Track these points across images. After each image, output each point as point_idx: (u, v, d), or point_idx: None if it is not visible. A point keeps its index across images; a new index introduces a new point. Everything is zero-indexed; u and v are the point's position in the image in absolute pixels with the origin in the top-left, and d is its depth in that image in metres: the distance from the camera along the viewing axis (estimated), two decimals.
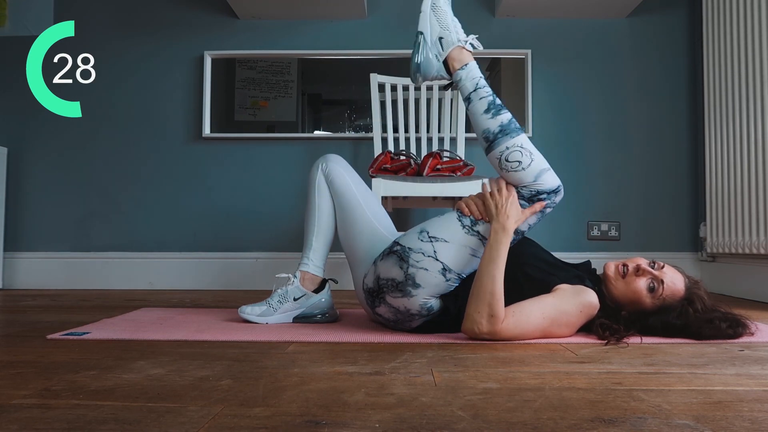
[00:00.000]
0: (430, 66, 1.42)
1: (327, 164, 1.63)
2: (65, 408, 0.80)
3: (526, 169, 1.34)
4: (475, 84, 1.40)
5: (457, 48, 1.41)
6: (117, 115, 2.91)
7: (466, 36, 1.43)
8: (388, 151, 2.37)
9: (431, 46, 1.42)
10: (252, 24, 2.91)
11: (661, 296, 1.33)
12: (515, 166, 1.34)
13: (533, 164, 1.35)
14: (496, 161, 1.37)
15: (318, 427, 0.72)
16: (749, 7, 2.26)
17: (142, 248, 2.87)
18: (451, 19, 1.44)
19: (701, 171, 2.77)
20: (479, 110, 1.39)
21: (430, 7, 1.43)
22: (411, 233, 1.42)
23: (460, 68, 1.41)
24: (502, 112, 1.38)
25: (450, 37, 1.41)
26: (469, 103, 1.41)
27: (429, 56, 1.41)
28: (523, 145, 1.36)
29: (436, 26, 1.42)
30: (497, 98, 1.41)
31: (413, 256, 1.36)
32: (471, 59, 1.42)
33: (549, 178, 1.36)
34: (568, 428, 0.72)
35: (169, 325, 1.57)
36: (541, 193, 1.35)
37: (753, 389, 0.91)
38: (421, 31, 1.42)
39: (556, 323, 1.30)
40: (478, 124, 1.39)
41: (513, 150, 1.34)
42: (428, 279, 1.35)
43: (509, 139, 1.35)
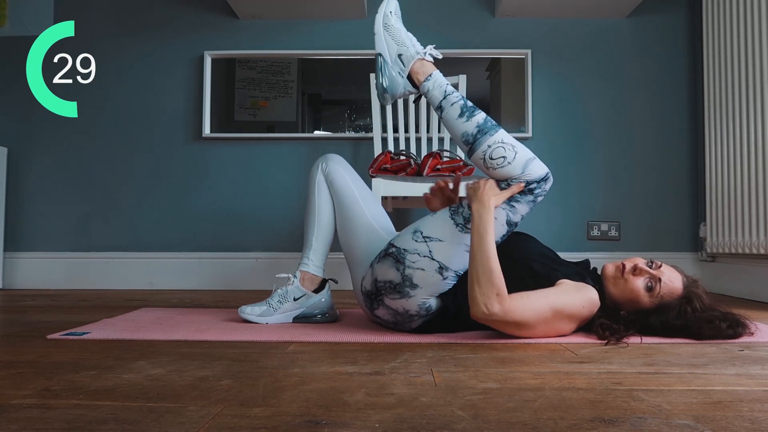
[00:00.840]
0: (396, 84, 1.43)
1: (327, 164, 1.63)
2: (65, 408, 0.80)
3: (513, 163, 1.35)
4: (444, 91, 1.41)
5: (418, 61, 1.42)
6: (117, 115, 2.91)
7: (423, 47, 1.44)
8: (388, 151, 2.37)
9: (392, 64, 1.43)
10: (252, 24, 2.91)
11: (659, 295, 1.33)
12: (501, 162, 1.35)
13: (518, 156, 1.35)
14: (481, 162, 1.37)
15: (318, 427, 0.72)
16: (749, 7, 2.26)
17: (142, 248, 2.87)
18: (405, 34, 1.45)
19: (701, 171, 2.77)
20: (453, 116, 1.40)
21: (383, 27, 1.44)
22: (405, 234, 1.42)
23: (425, 80, 1.42)
24: (476, 113, 1.39)
25: (408, 52, 1.42)
26: (441, 111, 1.42)
27: (393, 75, 1.43)
28: (504, 140, 1.36)
29: (393, 44, 1.43)
30: (467, 101, 1.42)
31: (409, 257, 1.36)
32: (434, 69, 1.43)
33: (536, 167, 1.36)
34: (568, 428, 0.72)
35: (169, 325, 1.57)
36: (530, 183, 1.35)
37: (753, 389, 0.91)
38: (380, 52, 1.43)
39: (559, 316, 1.29)
40: (455, 130, 1.40)
41: (495, 147, 1.35)
42: (425, 279, 1.35)
43: (489, 137, 1.36)
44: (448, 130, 1.44)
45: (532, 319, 1.27)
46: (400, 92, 1.44)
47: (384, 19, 1.44)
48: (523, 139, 2.84)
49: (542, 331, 1.31)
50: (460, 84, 2.56)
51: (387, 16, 1.44)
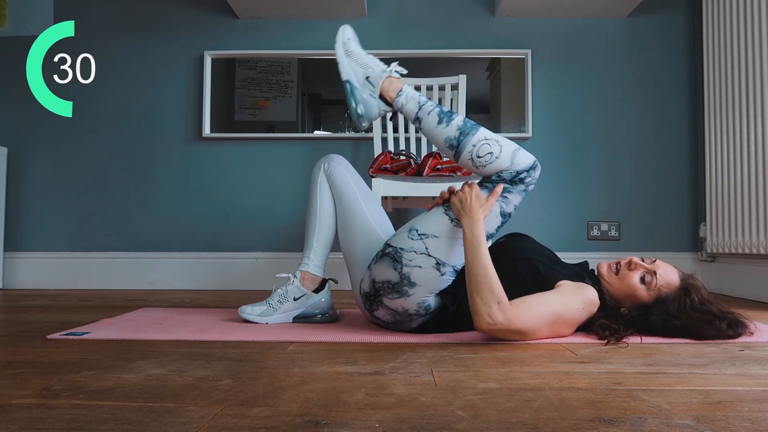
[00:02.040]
0: (370, 106, 1.45)
1: (329, 164, 1.63)
2: (65, 408, 0.80)
3: (500, 157, 1.36)
4: (418, 103, 1.43)
5: (386, 79, 1.44)
6: (117, 115, 2.91)
7: (387, 65, 1.46)
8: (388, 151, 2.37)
9: (362, 88, 1.45)
10: (252, 24, 2.91)
11: (656, 287, 1.33)
12: (489, 158, 1.36)
13: (504, 150, 1.36)
14: (469, 162, 1.38)
15: (318, 427, 0.72)
16: (749, 7, 2.27)
17: (142, 248, 2.87)
18: (367, 56, 1.47)
19: (701, 171, 2.77)
20: (432, 124, 1.41)
21: (345, 54, 1.46)
22: (400, 233, 1.42)
23: (397, 96, 1.44)
24: (453, 117, 1.40)
25: (375, 72, 1.44)
26: (419, 122, 1.43)
27: (365, 98, 1.44)
28: (487, 137, 1.37)
29: (358, 69, 1.45)
30: (441, 107, 1.43)
31: (405, 255, 1.36)
32: (403, 84, 1.45)
33: (523, 157, 1.37)
34: (568, 428, 0.72)
35: (169, 325, 1.57)
36: (520, 172, 1.36)
37: (753, 389, 0.91)
38: (347, 79, 1.45)
39: (561, 318, 1.29)
40: (438, 137, 1.41)
41: (480, 145, 1.36)
42: (423, 276, 1.35)
43: (471, 137, 1.37)
44: (430, 140, 1.45)
45: (535, 326, 1.27)
46: (375, 113, 1.46)
47: (344, 46, 1.46)
48: (523, 139, 2.84)
49: (545, 335, 1.31)
50: (460, 84, 2.56)
51: (346, 43, 1.46)
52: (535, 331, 1.28)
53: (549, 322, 1.29)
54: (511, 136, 2.82)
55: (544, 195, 2.85)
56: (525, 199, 1.40)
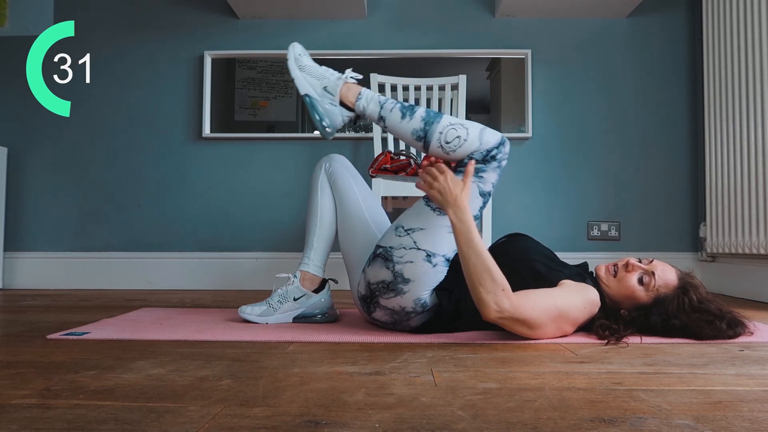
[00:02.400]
0: (333, 115, 1.46)
1: (330, 164, 1.63)
2: (65, 408, 0.80)
3: (468, 139, 1.37)
4: (378, 102, 1.44)
5: (344, 86, 1.46)
6: (117, 115, 2.91)
7: (342, 73, 1.47)
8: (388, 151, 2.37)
9: (322, 99, 1.46)
10: (252, 24, 2.91)
11: (654, 288, 1.33)
12: (457, 142, 1.37)
13: (470, 131, 1.37)
14: (439, 150, 1.39)
15: (318, 427, 0.72)
16: (749, 7, 2.27)
17: (142, 248, 2.87)
18: (321, 68, 1.49)
19: (701, 171, 2.77)
20: (397, 120, 1.42)
21: (298, 69, 1.48)
22: (388, 233, 1.42)
23: (357, 99, 1.45)
24: (416, 110, 1.42)
25: (331, 81, 1.46)
26: (384, 121, 1.44)
27: (326, 108, 1.46)
28: (452, 122, 1.39)
29: (314, 81, 1.47)
30: (402, 102, 1.44)
31: (396, 253, 1.37)
32: (360, 87, 1.46)
33: (491, 136, 1.38)
34: (568, 428, 0.72)
35: (169, 325, 1.57)
36: (490, 150, 1.37)
37: (753, 389, 0.91)
38: (305, 93, 1.47)
39: (565, 315, 1.29)
40: (404, 132, 1.42)
41: (447, 131, 1.38)
42: (416, 271, 1.35)
43: (437, 125, 1.39)
44: (397, 137, 1.46)
45: (541, 316, 1.26)
46: (339, 120, 1.47)
47: (296, 62, 1.48)
48: (523, 139, 2.84)
49: (550, 331, 1.30)
50: (460, 84, 2.56)
51: (298, 59, 1.49)
52: (541, 324, 1.27)
53: (553, 316, 1.28)
54: (511, 136, 2.82)
55: (544, 195, 2.85)
56: (501, 175, 1.40)
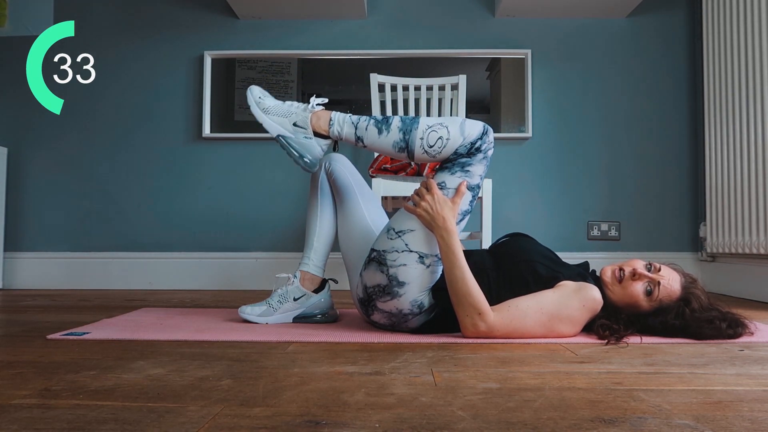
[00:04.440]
0: (311, 148, 1.44)
1: (331, 163, 1.63)
2: (65, 408, 0.80)
3: (451, 137, 1.35)
4: (352, 123, 1.42)
5: (312, 116, 1.44)
6: (117, 115, 2.91)
7: (307, 104, 1.46)
8: None
9: (295, 135, 1.44)
10: (252, 24, 2.91)
11: (657, 299, 1.33)
12: (440, 143, 1.35)
13: (451, 129, 1.35)
14: (424, 155, 1.38)
15: (318, 427, 0.72)
16: (749, 7, 2.27)
17: (142, 248, 2.87)
18: (283, 104, 1.47)
19: (701, 171, 2.77)
20: (375, 137, 1.40)
21: (263, 113, 1.46)
22: (381, 236, 1.42)
23: (329, 126, 1.43)
24: (390, 121, 1.40)
25: (299, 116, 1.44)
26: (361, 141, 1.42)
27: (302, 142, 1.44)
28: (429, 125, 1.37)
29: (282, 119, 1.45)
30: (375, 116, 1.42)
31: (389, 256, 1.37)
32: (330, 112, 1.44)
33: (472, 127, 1.36)
34: (568, 428, 0.72)
35: (169, 325, 1.57)
36: (474, 142, 1.35)
37: (753, 389, 0.91)
38: (278, 134, 1.45)
39: (557, 318, 1.30)
40: (385, 147, 1.40)
41: (427, 135, 1.36)
42: (410, 273, 1.35)
43: (415, 131, 1.37)
44: (379, 153, 1.44)
45: (521, 328, 1.29)
46: (318, 151, 1.45)
47: (258, 105, 1.46)
48: (523, 139, 2.84)
49: (542, 334, 1.31)
50: (460, 84, 2.56)
51: (260, 102, 1.46)
52: (523, 333, 1.30)
53: (542, 322, 1.29)
54: (511, 136, 2.82)
55: (544, 195, 2.85)
56: (487, 167, 1.39)
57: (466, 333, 1.32)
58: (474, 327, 1.29)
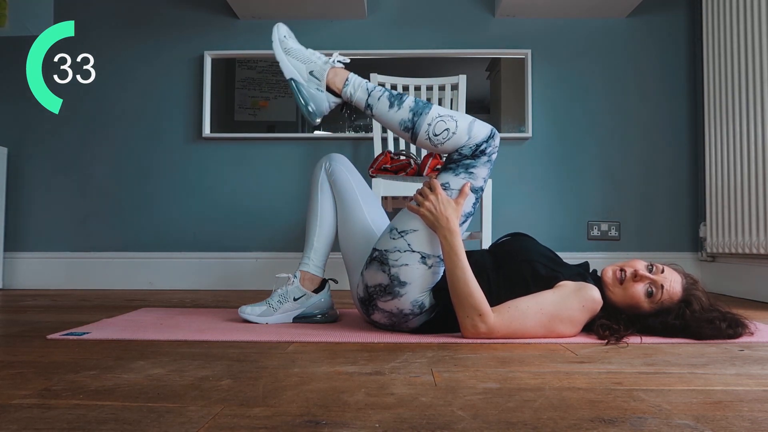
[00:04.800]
0: (319, 100, 1.43)
1: (330, 163, 1.63)
2: (65, 408, 0.80)
3: (457, 132, 1.35)
4: (366, 90, 1.41)
5: (330, 71, 1.42)
6: (117, 115, 2.91)
7: (329, 57, 1.44)
8: (388, 151, 2.37)
9: (308, 84, 1.43)
10: (252, 24, 2.91)
11: (659, 300, 1.33)
12: (446, 135, 1.35)
13: (459, 124, 1.35)
14: (426, 141, 1.37)
15: (318, 427, 0.72)
16: (749, 8, 2.27)
17: (142, 248, 2.87)
18: (307, 51, 1.45)
19: (701, 171, 2.77)
20: (384, 109, 1.39)
21: (283, 52, 1.44)
22: (383, 235, 1.42)
23: (344, 86, 1.42)
24: (404, 99, 1.39)
25: (317, 66, 1.43)
26: (371, 109, 1.41)
27: (312, 92, 1.42)
28: (441, 114, 1.36)
29: (300, 65, 1.43)
30: (390, 90, 1.41)
31: (391, 256, 1.36)
32: (348, 73, 1.43)
33: (480, 129, 1.36)
34: (568, 428, 0.72)
35: (169, 325, 1.57)
36: (480, 144, 1.35)
37: (753, 389, 0.91)
38: (291, 77, 1.43)
39: (557, 319, 1.30)
40: (391, 121, 1.39)
41: (435, 123, 1.35)
42: (411, 273, 1.35)
43: (425, 116, 1.36)
44: (384, 125, 1.43)
45: (521, 329, 1.30)
46: (325, 106, 1.44)
47: (281, 44, 1.44)
48: (523, 139, 2.84)
49: (542, 335, 1.31)
50: (460, 84, 2.56)
51: (283, 42, 1.44)
52: (524, 334, 1.30)
53: (542, 323, 1.30)
54: (511, 136, 2.82)
55: (544, 195, 2.85)
56: (491, 170, 1.39)
57: (466, 334, 1.32)
58: (474, 328, 1.29)
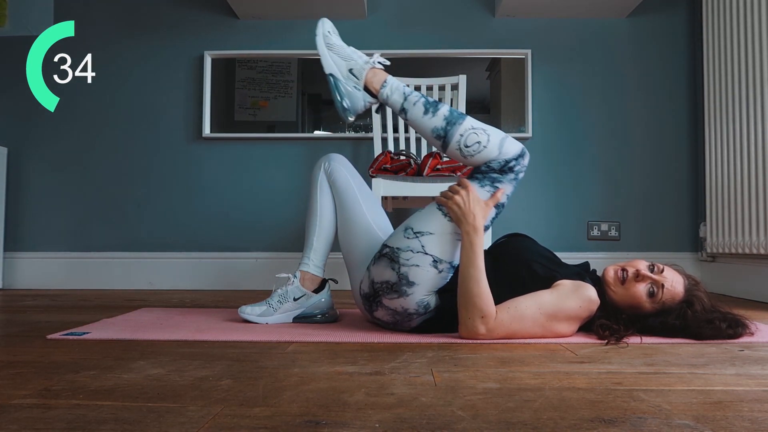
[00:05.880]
0: (355, 98, 1.43)
1: (330, 163, 1.63)
2: (65, 408, 0.80)
3: (488, 146, 1.35)
4: (403, 93, 1.41)
5: (370, 71, 1.43)
6: (117, 115, 2.91)
7: (370, 57, 1.45)
8: (388, 151, 2.37)
9: (346, 81, 1.43)
10: (252, 24, 2.91)
11: (660, 300, 1.33)
12: (477, 148, 1.35)
13: (491, 138, 1.36)
14: (457, 152, 1.38)
15: (318, 427, 0.72)
16: (749, 7, 2.26)
17: (142, 248, 2.87)
18: (349, 49, 1.46)
19: (701, 171, 2.77)
20: (418, 115, 1.40)
21: (326, 47, 1.44)
22: (397, 233, 1.42)
23: (381, 87, 1.42)
24: (440, 107, 1.39)
25: (357, 64, 1.43)
26: (405, 113, 1.41)
27: (349, 90, 1.43)
28: (474, 126, 1.37)
29: (340, 61, 1.44)
30: (427, 97, 1.41)
31: (403, 255, 1.36)
32: (387, 75, 1.44)
33: (512, 145, 1.36)
34: (568, 428, 0.72)
35: (169, 325, 1.57)
36: (509, 161, 1.35)
37: (753, 389, 0.91)
38: (330, 72, 1.44)
39: (554, 318, 1.30)
40: (425, 128, 1.40)
41: (468, 134, 1.35)
42: (421, 275, 1.35)
43: (459, 126, 1.37)
44: (416, 130, 1.44)
45: (520, 330, 1.30)
46: (361, 105, 1.44)
47: (324, 39, 1.44)
48: (523, 139, 2.84)
49: (540, 335, 1.32)
50: (460, 84, 2.56)
51: (326, 36, 1.45)
52: (522, 334, 1.30)
53: (540, 322, 1.30)
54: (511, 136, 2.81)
55: (544, 195, 2.85)
56: (516, 187, 1.39)
57: (464, 333, 1.32)
58: (474, 329, 1.29)
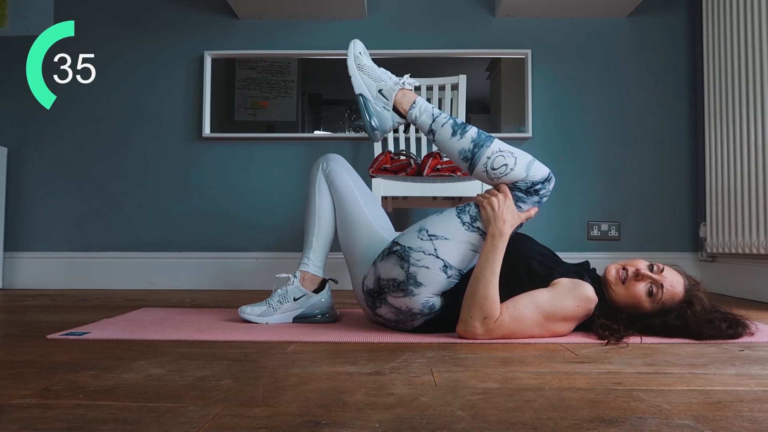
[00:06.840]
0: (384, 119, 1.45)
1: (328, 164, 1.63)
2: (65, 408, 0.80)
3: (515, 169, 1.36)
4: (431, 114, 1.43)
5: (399, 91, 1.45)
6: (117, 115, 2.91)
7: (400, 78, 1.46)
8: (388, 151, 2.37)
9: (375, 101, 1.45)
10: (252, 24, 2.91)
11: (660, 300, 1.33)
12: (504, 170, 1.36)
13: (518, 161, 1.36)
14: (484, 174, 1.39)
15: (318, 427, 0.72)
16: (749, 7, 2.26)
17: (142, 248, 2.87)
18: (379, 69, 1.48)
19: (701, 171, 2.77)
20: (446, 136, 1.41)
21: (357, 68, 1.47)
22: (410, 232, 1.42)
23: (410, 108, 1.44)
24: (467, 129, 1.40)
25: (387, 85, 1.45)
26: (433, 134, 1.42)
27: (378, 110, 1.45)
28: (501, 149, 1.38)
29: (371, 82, 1.46)
30: (455, 119, 1.43)
31: (414, 255, 1.36)
32: (416, 96, 1.45)
33: (539, 168, 1.37)
34: (568, 428, 0.72)
35: (169, 325, 1.57)
36: (536, 183, 1.36)
37: (753, 389, 0.91)
38: (360, 93, 1.46)
39: (552, 317, 1.30)
40: (452, 149, 1.41)
41: (495, 157, 1.36)
42: (430, 277, 1.36)
43: (486, 149, 1.37)
44: (443, 152, 1.45)
45: (518, 330, 1.30)
46: (389, 125, 1.46)
47: (356, 60, 1.47)
48: (523, 139, 2.84)
49: (538, 333, 1.32)
50: (460, 84, 2.56)
51: (357, 57, 1.48)
52: (521, 334, 1.31)
53: (537, 322, 1.30)
54: (511, 136, 2.82)
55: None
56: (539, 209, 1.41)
57: (460, 331, 1.32)
58: (473, 328, 1.29)
